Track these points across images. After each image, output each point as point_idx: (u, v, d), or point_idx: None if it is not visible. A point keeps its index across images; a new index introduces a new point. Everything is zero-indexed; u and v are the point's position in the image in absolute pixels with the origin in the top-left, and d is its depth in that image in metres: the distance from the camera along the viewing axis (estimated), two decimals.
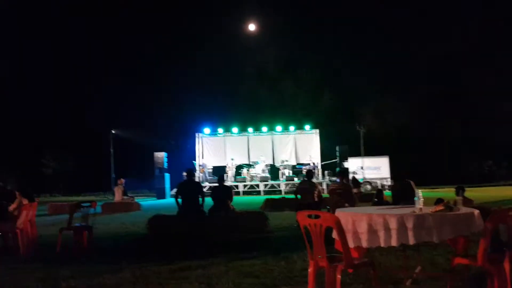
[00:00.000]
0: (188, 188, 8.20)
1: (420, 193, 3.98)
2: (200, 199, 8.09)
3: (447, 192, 17.83)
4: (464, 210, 3.80)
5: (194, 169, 9.71)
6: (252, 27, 28.91)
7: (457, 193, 8.15)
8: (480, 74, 33.61)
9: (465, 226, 3.53)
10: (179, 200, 8.10)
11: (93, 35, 37.32)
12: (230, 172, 24.29)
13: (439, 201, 5.20)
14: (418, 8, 36.97)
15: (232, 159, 25.12)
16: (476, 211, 3.72)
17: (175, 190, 9.27)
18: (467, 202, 7.48)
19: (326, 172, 24.43)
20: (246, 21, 32.44)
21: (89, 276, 4.92)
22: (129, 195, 15.99)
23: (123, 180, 15.65)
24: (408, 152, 31.55)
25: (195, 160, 25.87)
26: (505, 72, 32.63)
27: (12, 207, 6.50)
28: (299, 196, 8.67)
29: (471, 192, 12.45)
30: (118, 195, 15.30)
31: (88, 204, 6.65)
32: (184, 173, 8.84)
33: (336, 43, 37.03)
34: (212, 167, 25.63)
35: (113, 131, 24.46)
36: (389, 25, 36.96)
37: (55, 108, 35.97)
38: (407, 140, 33.64)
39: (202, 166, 24.98)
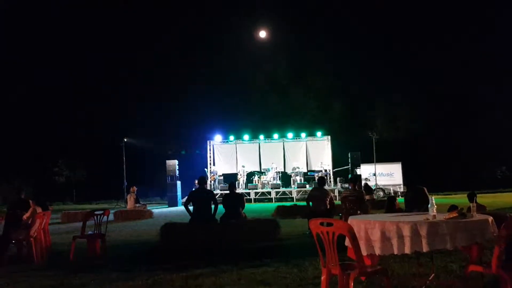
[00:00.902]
0: (200, 196, 8.22)
1: (433, 200, 3.95)
2: (213, 206, 8.11)
3: (460, 198, 17.60)
4: (478, 217, 3.76)
5: (206, 177, 9.71)
6: (262, 34, 28.99)
7: (470, 200, 8.04)
8: (495, 79, 33.28)
9: (479, 233, 3.49)
10: (190, 208, 8.12)
11: (107, 44, 37.85)
12: (241, 179, 24.32)
13: (452, 208, 5.15)
14: (433, 11, 36.79)
15: (243, 167, 25.14)
16: (490, 218, 3.67)
17: (186, 198, 9.30)
18: (480, 208, 7.36)
19: (338, 179, 24.30)
20: (257, 28, 32.57)
21: (102, 283, 4.96)
22: (141, 202, 16.09)
23: (135, 188, 15.75)
24: (421, 158, 31.24)
25: (206, 168, 25.96)
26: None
27: (26, 215, 6.60)
28: (310, 203, 8.63)
29: (485, 198, 12.30)
30: (130, 203, 15.41)
31: (101, 212, 6.71)
32: (196, 181, 8.87)
33: (348, 50, 36.98)
34: (223, 175, 25.67)
35: (125, 139, 24.61)
36: (401, 31, 36.86)
37: (68, 117, 36.48)
38: (420, 146, 33.34)
39: (213, 173, 25.05)
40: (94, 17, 38.73)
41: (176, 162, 23.48)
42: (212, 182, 24.25)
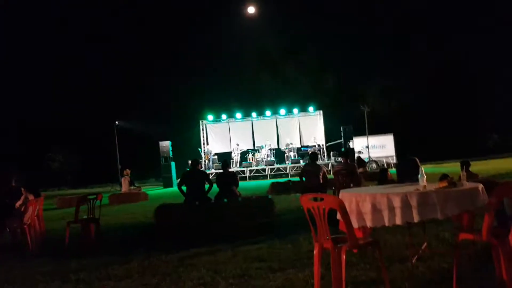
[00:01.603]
0: (193, 176, 8.22)
1: (423, 170, 3.96)
2: (207, 186, 8.13)
3: (453, 167, 17.77)
4: (468, 185, 3.77)
5: (198, 159, 9.75)
6: (251, 9, 28.45)
7: (462, 168, 8.10)
8: (485, 48, 33.19)
9: (470, 202, 3.50)
10: (183, 188, 8.13)
11: (94, 26, 37.15)
12: (236, 157, 24.35)
13: (443, 177, 5.16)
14: None
15: (237, 145, 25.14)
16: (480, 186, 3.68)
17: (179, 179, 9.30)
18: (472, 176, 7.43)
19: (331, 153, 24.40)
20: (247, 3, 31.99)
21: (98, 268, 4.97)
22: (136, 185, 16.08)
23: (129, 171, 15.71)
24: (412, 129, 31.38)
25: (200, 148, 25.93)
26: (508, 43, 32.24)
27: (18, 203, 6.55)
28: (304, 179, 8.66)
29: (477, 166, 12.42)
30: (124, 186, 15.40)
31: (94, 196, 6.68)
32: (189, 162, 8.86)
33: (338, 23, 36.57)
34: (216, 154, 25.66)
35: (117, 122, 24.42)
36: (392, 4, 36.42)
37: (60, 101, 36.04)
38: (412, 117, 33.45)
39: (207, 153, 25.05)
40: None
41: (169, 143, 23.39)
42: (207, 161, 24.27)
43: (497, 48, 32.60)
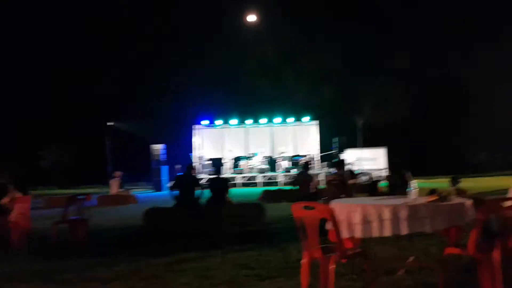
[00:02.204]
0: (185, 181, 8.21)
1: (414, 183, 4.00)
2: (199, 191, 8.12)
3: (443, 183, 17.88)
4: (456, 200, 3.82)
5: (194, 165, 9.84)
6: (251, 17, 28.59)
7: (452, 184, 8.19)
8: (477, 66, 33.62)
9: (458, 217, 3.55)
10: (175, 192, 8.11)
11: (90, 25, 37.03)
12: (228, 163, 24.31)
13: (432, 192, 5.22)
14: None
15: (230, 151, 25.11)
16: (469, 202, 3.73)
17: (172, 182, 9.28)
18: (461, 192, 7.49)
19: (324, 163, 24.47)
20: (246, 11, 32.11)
21: (84, 269, 4.93)
22: (125, 188, 15.99)
23: (119, 173, 15.64)
24: (405, 143, 31.58)
25: (191, 153, 25.85)
26: (501, 63, 32.69)
27: (4, 200, 6.48)
28: (296, 188, 8.68)
29: (465, 183, 12.49)
30: (114, 188, 15.30)
31: (83, 197, 6.64)
32: (178, 166, 8.88)
33: (335, 35, 36.86)
34: (209, 159, 25.59)
35: (109, 123, 24.30)
36: (388, 16, 36.84)
37: (52, 99, 35.78)
38: (405, 132, 33.68)
39: (200, 157, 24.99)
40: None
41: (161, 146, 23.31)
42: (199, 165, 24.23)
43: (491, 67, 33.02)
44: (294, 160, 24.38)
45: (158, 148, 23.12)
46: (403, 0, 36.89)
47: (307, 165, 9.15)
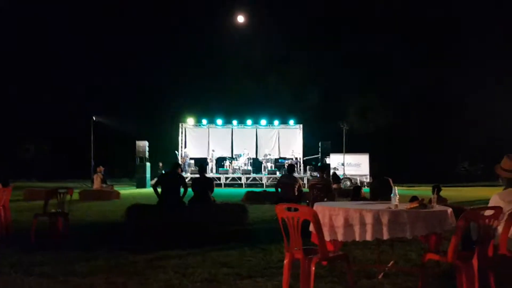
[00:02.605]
0: (170, 179, 8.15)
1: (396, 190, 4.06)
2: (182, 190, 8.07)
3: (424, 191, 18.14)
4: (437, 208, 3.89)
5: (179, 164, 9.77)
6: (240, 19, 28.61)
7: (433, 192, 8.30)
8: (459, 76, 34.27)
9: (438, 224, 3.61)
10: (159, 189, 8.06)
11: (76, 20, 36.58)
12: (211, 163, 24.26)
13: (413, 198, 5.30)
14: (401, 7, 37.37)
15: (213, 151, 25.07)
16: (449, 209, 3.80)
17: (155, 179, 9.22)
18: (442, 201, 7.62)
19: (308, 167, 24.62)
20: (234, 12, 32.22)
21: (63, 263, 4.86)
22: (108, 183, 15.82)
23: (102, 168, 15.47)
24: (388, 150, 32.01)
25: (177, 150, 25.73)
26: (482, 73, 33.38)
27: None
28: (279, 190, 8.70)
29: (446, 192, 12.70)
30: (96, 183, 15.13)
31: (64, 190, 6.55)
32: (160, 164, 8.83)
33: (322, 40, 37.21)
34: (193, 159, 25.49)
35: (94, 118, 24.01)
36: (373, 24, 37.27)
37: (35, 92, 35.20)
38: (388, 139, 34.14)
39: (184, 156, 24.88)
40: None
41: (146, 143, 23.14)
42: (183, 164, 24.10)
43: (474, 78, 33.69)
44: (279, 163, 24.48)
45: (144, 144, 22.94)
46: (392, 10, 37.26)
47: (292, 168, 9.17)
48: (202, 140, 26.54)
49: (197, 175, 9.17)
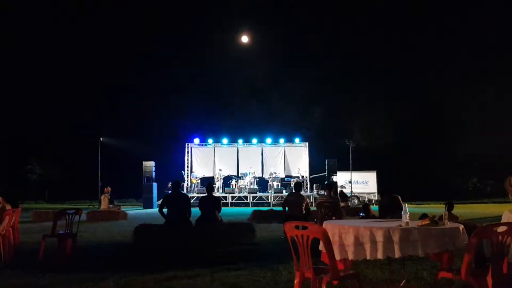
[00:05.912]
0: (174, 199, 8.10)
1: (406, 207, 4.02)
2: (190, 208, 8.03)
3: (433, 208, 17.97)
4: (449, 225, 3.84)
5: (180, 181, 9.66)
6: (245, 39, 29.01)
7: (446, 209, 8.23)
8: (468, 93, 34.24)
9: (450, 241, 3.56)
10: (164, 211, 8.01)
11: (83, 41, 37.19)
12: (218, 183, 24.23)
13: (424, 216, 5.25)
14: (406, 24, 37.71)
15: (220, 170, 25.07)
16: (461, 226, 3.76)
17: (160, 201, 9.19)
18: (453, 218, 7.53)
19: (314, 185, 24.49)
20: (239, 33, 32.59)
21: (71, 284, 4.84)
22: (115, 203, 15.82)
23: (109, 189, 15.48)
24: (396, 168, 31.81)
25: (183, 170, 25.76)
26: (491, 91, 33.35)
27: None
28: (286, 208, 8.64)
29: (456, 209, 12.57)
30: (104, 204, 15.13)
31: (73, 211, 6.56)
32: (169, 185, 8.77)
33: (327, 59, 37.49)
34: (200, 178, 25.49)
35: (101, 139, 24.17)
36: (378, 40, 37.59)
37: (43, 114, 35.60)
38: (395, 156, 33.96)
39: (193, 176, 24.90)
40: (73, 14, 38.06)
41: (153, 163, 23.21)
42: (194, 185, 24.11)
43: (483, 93, 33.64)
44: (285, 181, 24.39)
45: (150, 165, 23.01)
46: (394, 28, 37.57)
47: (299, 186, 9.12)
48: (208, 160, 26.59)
49: (204, 194, 9.12)
